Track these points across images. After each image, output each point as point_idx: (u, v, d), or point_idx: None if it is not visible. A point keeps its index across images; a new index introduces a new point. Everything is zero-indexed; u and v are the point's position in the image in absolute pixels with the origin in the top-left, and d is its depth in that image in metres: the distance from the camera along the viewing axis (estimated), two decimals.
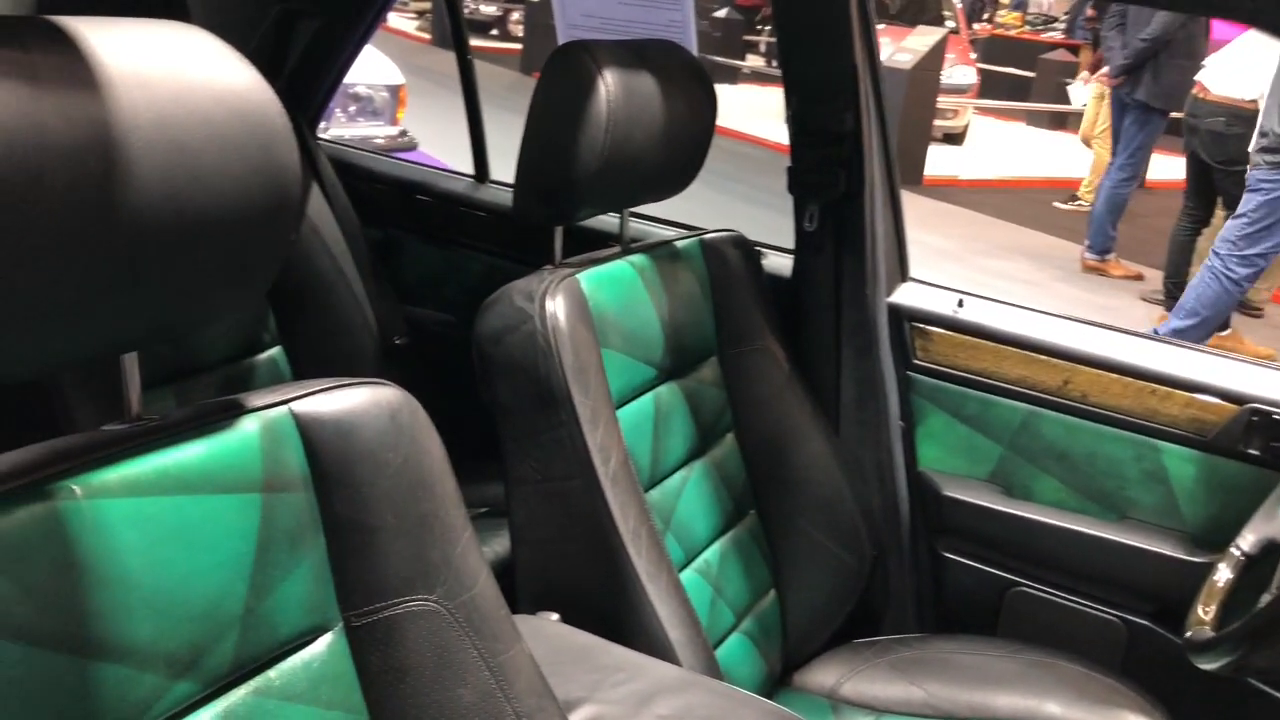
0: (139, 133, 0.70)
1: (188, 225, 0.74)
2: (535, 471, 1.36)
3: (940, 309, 1.79)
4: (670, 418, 1.56)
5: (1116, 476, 1.69)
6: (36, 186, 0.65)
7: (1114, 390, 1.66)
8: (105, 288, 0.71)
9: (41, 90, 0.65)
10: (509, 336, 1.35)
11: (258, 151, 0.78)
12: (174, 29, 0.77)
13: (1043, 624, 1.75)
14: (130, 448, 0.81)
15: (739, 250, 1.72)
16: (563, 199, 1.40)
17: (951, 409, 1.80)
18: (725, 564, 1.62)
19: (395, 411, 0.96)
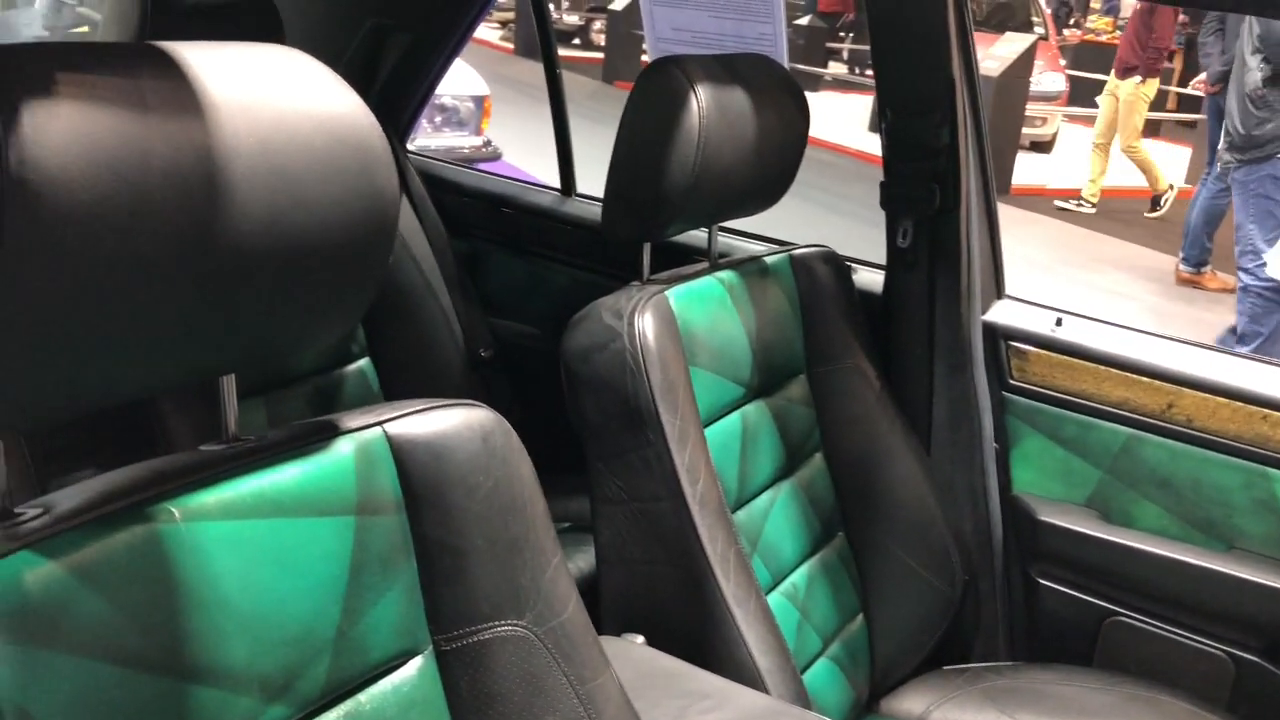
0: (242, 158, 0.70)
1: (289, 249, 0.74)
2: (622, 491, 1.34)
3: (1038, 328, 1.73)
4: (758, 437, 1.54)
5: (1223, 504, 1.62)
6: (143, 211, 0.65)
7: (1221, 414, 1.60)
8: (207, 311, 0.72)
9: (149, 117, 0.66)
10: (597, 354, 1.33)
11: (358, 175, 0.77)
12: (276, 53, 0.77)
13: (1143, 656, 1.69)
14: (227, 470, 0.81)
15: (829, 266, 1.69)
16: (652, 216, 1.39)
17: (1048, 431, 1.74)
18: (813, 587, 1.59)
19: (488, 434, 0.95)
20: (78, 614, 0.70)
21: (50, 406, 0.69)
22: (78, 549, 0.71)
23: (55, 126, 0.61)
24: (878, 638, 1.69)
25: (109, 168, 0.63)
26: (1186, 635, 1.66)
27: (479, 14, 2.05)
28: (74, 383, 0.68)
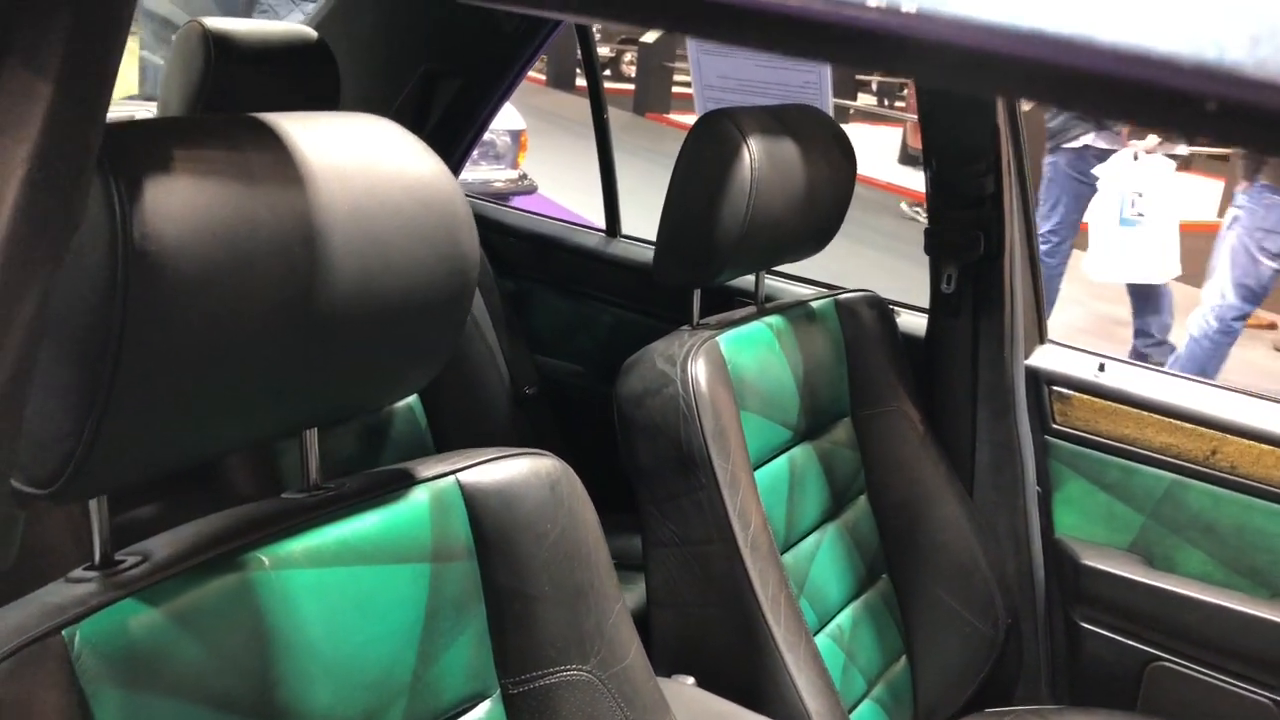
0: (339, 225, 0.73)
1: (378, 312, 0.77)
2: (674, 534, 1.37)
3: (1081, 373, 1.75)
4: (805, 480, 1.56)
5: (1268, 551, 1.63)
6: (250, 278, 0.68)
7: (1266, 461, 1.61)
8: (302, 371, 0.75)
9: (255, 187, 0.69)
10: (650, 399, 1.36)
11: (443, 240, 0.81)
12: (366, 122, 0.81)
13: (1186, 701, 1.69)
14: (312, 518, 0.85)
15: (874, 310, 1.71)
16: (704, 263, 1.42)
17: (1091, 475, 1.76)
18: (858, 629, 1.61)
19: (555, 482, 0.98)
20: (177, 659, 0.73)
21: (158, 464, 0.72)
22: (177, 596, 0.75)
23: (173, 200, 0.65)
24: (921, 679, 1.70)
25: (221, 238, 0.67)
26: (1230, 681, 1.66)
27: (529, 60, 2.10)
28: (180, 441, 0.72)
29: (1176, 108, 0.31)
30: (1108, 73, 0.31)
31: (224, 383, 0.70)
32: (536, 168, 5.73)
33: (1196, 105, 0.30)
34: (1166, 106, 0.31)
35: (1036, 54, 0.32)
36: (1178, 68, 0.30)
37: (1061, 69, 0.32)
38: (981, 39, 0.33)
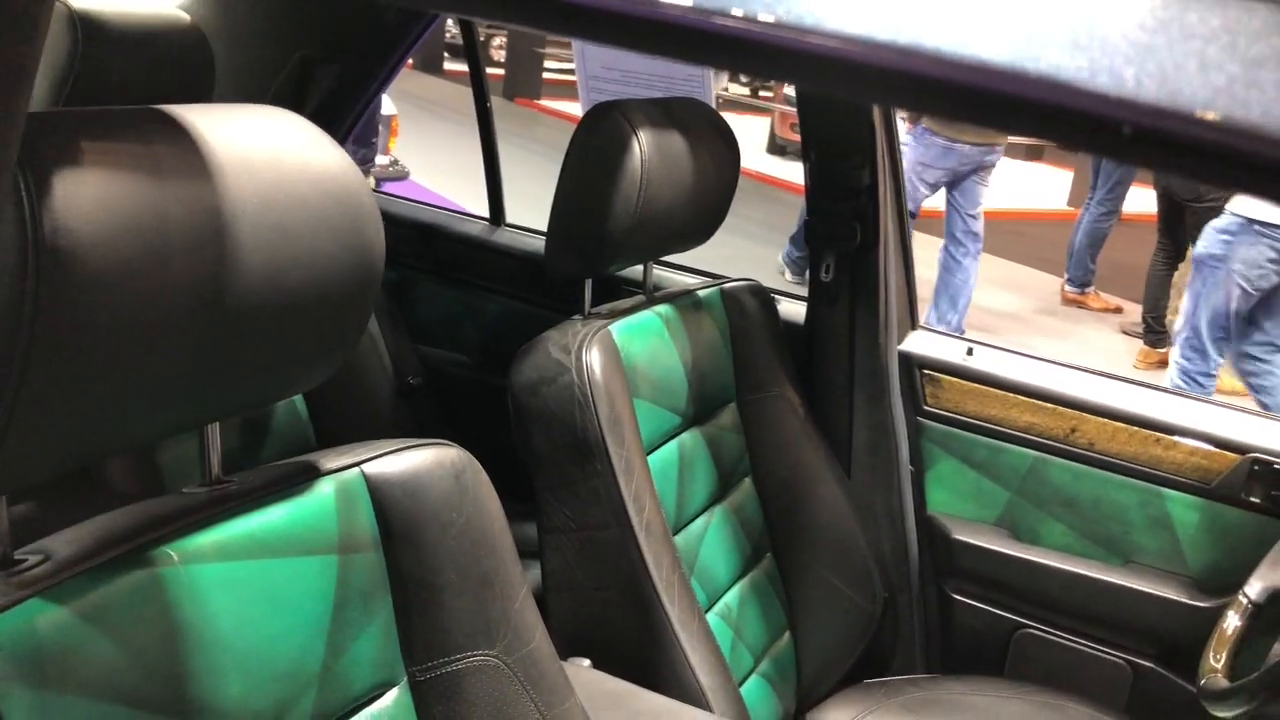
0: (247, 218, 0.73)
1: (286, 304, 0.77)
2: (570, 520, 1.39)
3: (950, 357, 1.84)
4: (694, 464, 1.60)
5: (1122, 522, 1.74)
6: (160, 272, 0.68)
7: (1120, 438, 1.72)
8: (211, 364, 0.75)
9: (164, 181, 0.69)
10: (545, 388, 1.38)
11: (349, 232, 0.82)
12: (271, 115, 0.81)
13: (1050, 666, 1.80)
14: (219, 512, 0.84)
15: (757, 299, 1.76)
16: (596, 254, 1.44)
17: (961, 454, 1.85)
18: (744, 607, 1.66)
19: (460, 472, 0.99)
20: (87, 657, 0.73)
21: (63, 462, 0.71)
22: (85, 594, 0.74)
23: (83, 194, 0.64)
24: (804, 654, 1.76)
25: (131, 232, 0.66)
26: (1089, 645, 1.77)
27: (410, 46, 2.08)
28: (88, 438, 0.71)
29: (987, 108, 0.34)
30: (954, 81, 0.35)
31: (134, 378, 0.70)
32: (407, 154, 5.66)
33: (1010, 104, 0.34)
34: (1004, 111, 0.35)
35: (879, 60, 0.36)
36: (995, 71, 0.33)
37: (901, 75, 0.36)
38: (827, 46, 0.36)
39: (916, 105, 0.37)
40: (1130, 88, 0.30)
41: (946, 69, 0.34)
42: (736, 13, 0.37)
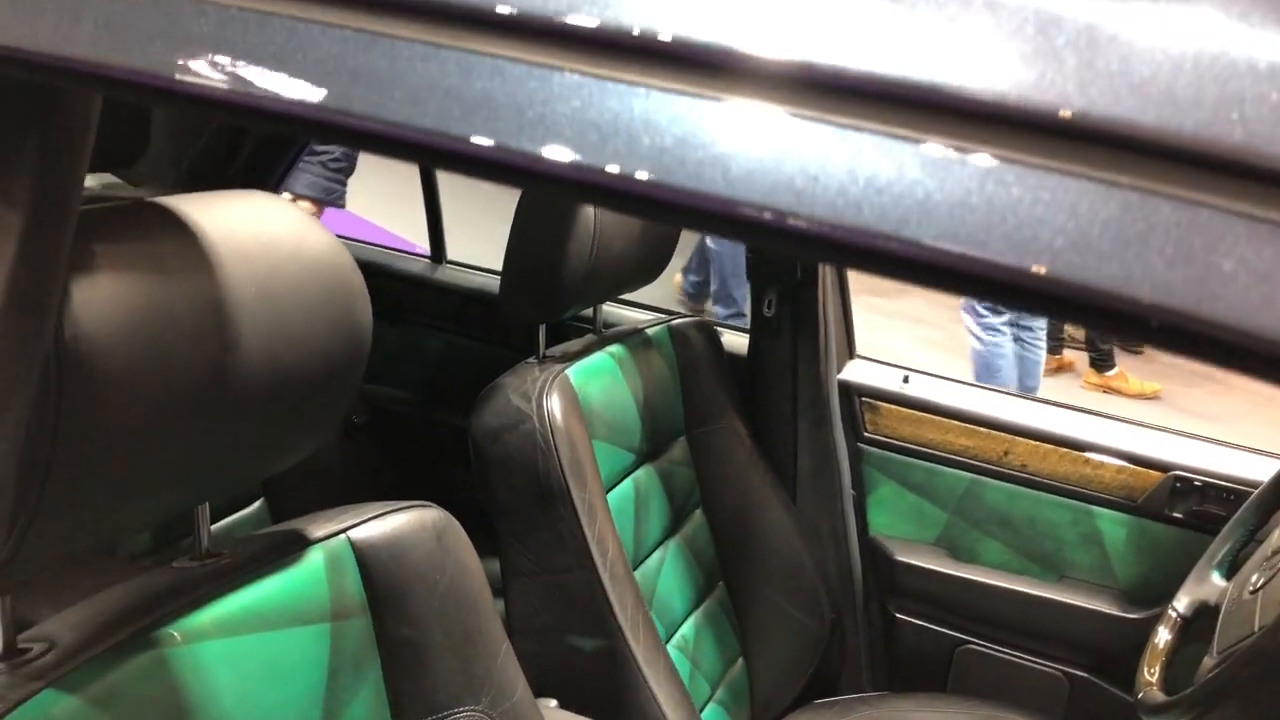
0: (247, 308, 0.75)
1: (282, 387, 0.79)
2: (534, 564, 1.42)
3: (887, 385, 1.90)
4: (649, 500, 1.64)
5: (1055, 539, 1.82)
6: (168, 367, 0.70)
7: (1051, 459, 1.80)
8: (208, 449, 0.76)
9: (169, 278, 0.70)
10: (507, 435, 1.40)
11: (340, 312, 0.84)
12: (261, 201, 0.83)
13: (990, 680, 1.87)
14: (216, 588, 0.85)
15: (703, 334, 1.81)
16: (551, 300, 1.47)
17: (900, 478, 1.91)
18: (700, 637, 1.70)
19: (441, 532, 1.01)
20: None
21: (67, 550, 0.72)
22: (94, 681, 0.74)
23: (98, 298, 0.65)
24: (756, 678, 1.81)
25: (141, 332, 0.68)
26: (1027, 658, 1.85)
27: None
28: (93, 529, 0.72)
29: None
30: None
31: (141, 470, 0.71)
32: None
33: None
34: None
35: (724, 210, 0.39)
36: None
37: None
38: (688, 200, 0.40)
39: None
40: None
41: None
42: (612, 169, 0.40)
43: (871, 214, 0.35)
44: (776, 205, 0.37)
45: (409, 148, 0.43)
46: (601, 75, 0.40)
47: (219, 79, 0.44)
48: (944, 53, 0.35)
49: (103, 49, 0.46)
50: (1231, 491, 1.67)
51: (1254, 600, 1.31)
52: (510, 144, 0.41)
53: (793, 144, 0.37)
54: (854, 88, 0.36)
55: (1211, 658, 1.33)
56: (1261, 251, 0.31)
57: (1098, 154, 0.32)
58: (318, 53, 0.44)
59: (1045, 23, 0.33)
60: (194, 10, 0.45)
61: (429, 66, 0.42)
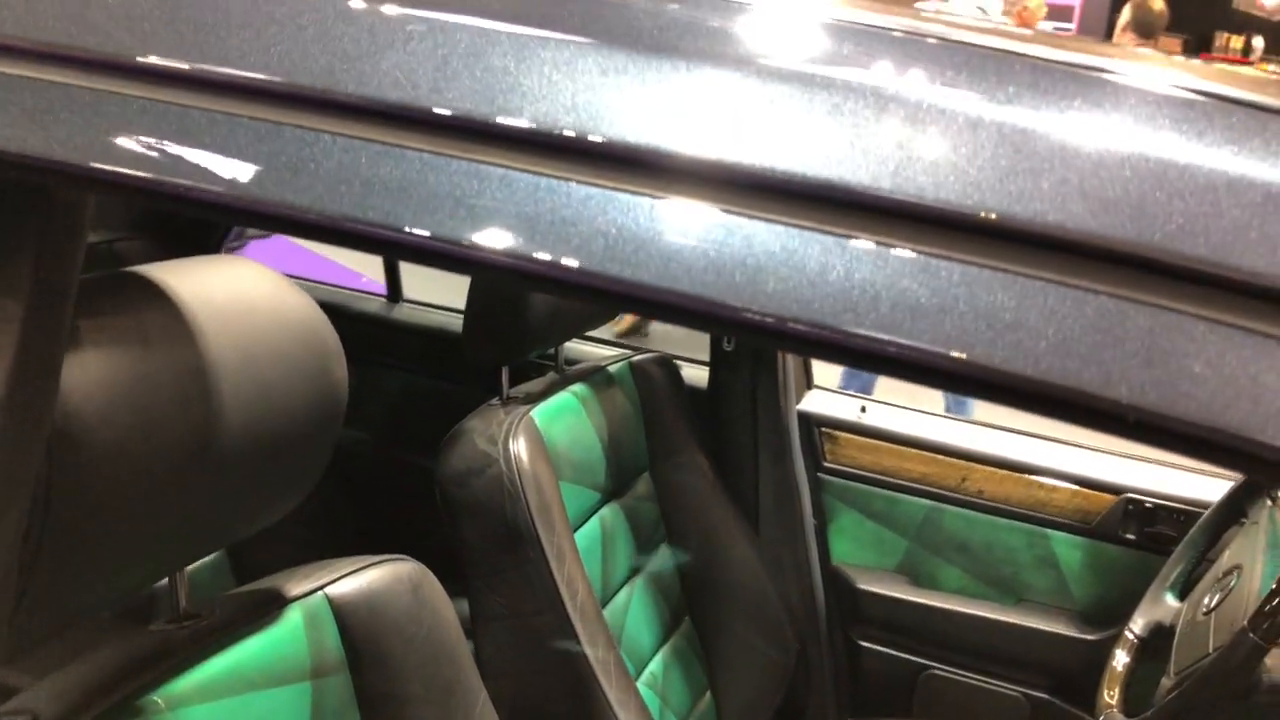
0: (227, 374, 0.76)
1: (262, 447, 0.80)
2: (504, 607, 1.42)
3: (846, 415, 1.93)
4: (615, 538, 1.65)
5: (1012, 563, 1.86)
6: (154, 437, 0.70)
7: (1006, 485, 1.84)
8: (191, 514, 0.77)
9: (153, 350, 0.71)
10: (474, 479, 1.41)
11: (318, 372, 0.85)
12: (238, 268, 0.84)
13: (953, 704, 1.90)
14: (196, 652, 0.85)
15: (664, 370, 1.83)
16: (514, 342, 1.49)
17: (860, 506, 1.94)
18: (668, 673, 1.71)
19: (416, 585, 1.02)
20: None
21: (62, 618, 0.72)
22: None
23: (87, 375, 0.66)
24: (724, 711, 1.82)
25: (128, 404, 0.68)
26: (988, 681, 1.88)
27: None
28: (80, 603, 0.72)
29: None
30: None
31: (132, 538, 0.71)
32: None
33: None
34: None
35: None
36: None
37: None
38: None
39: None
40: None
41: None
42: (542, 256, 0.43)
43: (809, 305, 0.38)
44: (713, 296, 0.39)
45: (353, 238, 0.45)
46: (537, 171, 0.43)
47: (148, 168, 0.46)
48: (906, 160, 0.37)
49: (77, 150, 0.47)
50: (1182, 513, 1.72)
51: (1208, 621, 1.35)
52: (444, 233, 0.43)
53: (727, 238, 0.40)
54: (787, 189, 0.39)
55: (1169, 678, 1.37)
56: (1226, 355, 0.33)
57: (1076, 263, 0.35)
58: (264, 148, 0.46)
59: (1015, 137, 0.36)
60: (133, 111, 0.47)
61: (384, 163, 0.45)
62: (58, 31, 0.48)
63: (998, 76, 0.37)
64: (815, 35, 0.43)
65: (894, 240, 0.36)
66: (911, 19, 0.42)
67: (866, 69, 0.39)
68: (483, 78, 0.44)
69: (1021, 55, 0.38)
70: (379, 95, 0.45)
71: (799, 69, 0.41)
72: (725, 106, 0.41)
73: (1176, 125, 0.35)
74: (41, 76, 0.48)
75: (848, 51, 0.41)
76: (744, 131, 0.40)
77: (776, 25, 0.44)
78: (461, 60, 0.44)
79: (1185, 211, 0.34)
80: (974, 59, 0.38)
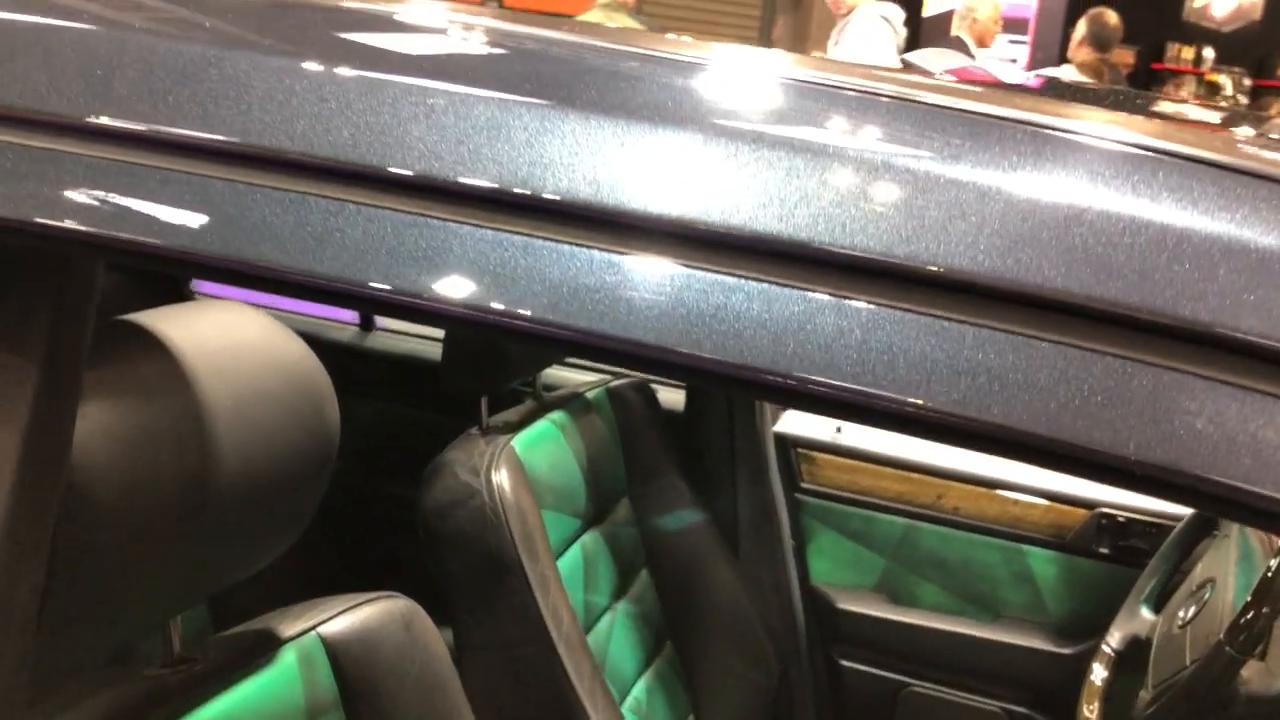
0: (223, 419, 0.76)
1: (258, 490, 0.80)
2: (489, 638, 1.42)
3: (821, 435, 1.95)
4: (596, 565, 1.65)
5: (989, 579, 1.88)
6: (153, 486, 0.70)
7: (982, 502, 1.86)
8: (192, 560, 0.77)
9: (151, 399, 0.71)
10: (458, 511, 1.41)
11: (311, 415, 0.85)
12: (230, 313, 0.84)
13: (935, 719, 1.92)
14: (192, 697, 0.85)
15: (640, 395, 1.84)
16: (494, 373, 1.49)
17: (838, 526, 1.96)
18: (652, 699, 1.71)
19: (409, 622, 1.02)
20: None
21: (66, 666, 0.72)
22: None
23: (92, 430, 0.66)
24: None
25: (128, 455, 0.68)
26: (968, 697, 1.90)
27: None
28: (90, 642, 0.72)
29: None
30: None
31: (135, 585, 0.71)
32: None
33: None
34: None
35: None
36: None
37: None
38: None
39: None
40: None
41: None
42: (497, 306, 0.45)
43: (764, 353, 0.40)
44: (678, 346, 0.41)
45: (316, 292, 0.47)
46: (497, 228, 0.45)
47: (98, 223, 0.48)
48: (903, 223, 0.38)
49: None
50: (1155, 526, 1.75)
51: (1184, 634, 1.37)
52: (404, 286, 0.45)
53: (685, 292, 0.42)
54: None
55: (1147, 691, 1.39)
56: (1226, 412, 0.35)
57: (1082, 326, 0.36)
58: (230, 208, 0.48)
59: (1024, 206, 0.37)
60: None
61: (357, 224, 0.47)
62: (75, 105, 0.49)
63: (1000, 145, 0.38)
64: (773, 94, 0.45)
65: (907, 304, 0.38)
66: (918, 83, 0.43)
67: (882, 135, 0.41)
68: (442, 139, 0.46)
69: (1019, 122, 0.40)
70: (335, 155, 0.47)
71: (756, 128, 0.43)
72: (683, 166, 0.43)
73: (1173, 193, 0.36)
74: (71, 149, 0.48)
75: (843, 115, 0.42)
76: (706, 191, 0.42)
77: (734, 84, 0.46)
78: (423, 122, 0.46)
79: (1184, 276, 0.35)
80: (978, 127, 0.39)
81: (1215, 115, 0.97)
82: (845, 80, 0.46)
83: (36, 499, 0.53)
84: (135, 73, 0.48)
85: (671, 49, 0.54)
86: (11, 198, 0.50)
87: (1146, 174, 0.37)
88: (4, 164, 0.48)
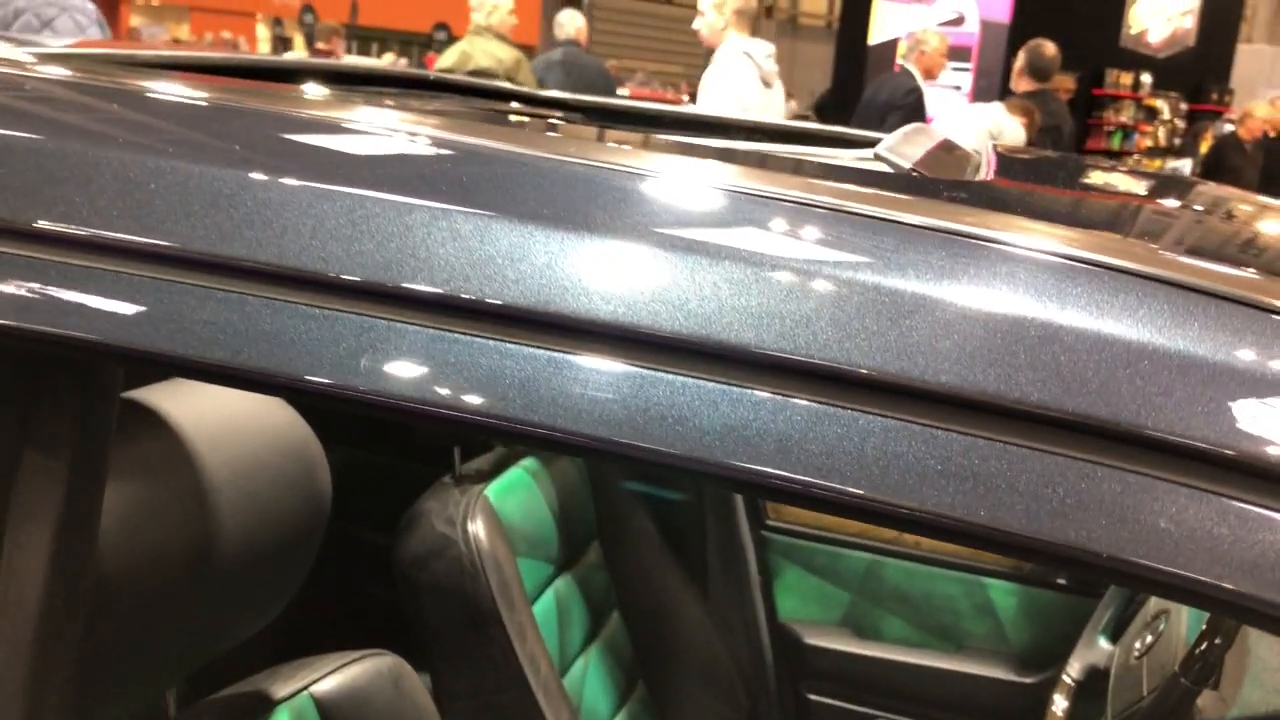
0: (221, 491, 0.78)
1: (254, 556, 0.82)
2: (468, 688, 1.44)
3: None
4: (569, 609, 1.67)
5: (951, 612, 1.93)
6: (159, 564, 0.72)
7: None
8: (195, 628, 0.79)
9: (154, 479, 0.73)
10: (435, 562, 1.43)
11: (303, 481, 0.88)
12: (219, 392, 0.86)
13: None
14: None
15: None
16: None
17: (803, 562, 2.00)
18: None
19: (397, 679, 1.04)
20: None
21: None
22: None
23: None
24: None
25: (134, 538, 0.70)
26: None
27: None
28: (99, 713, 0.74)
29: None
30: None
31: (140, 656, 0.73)
32: None
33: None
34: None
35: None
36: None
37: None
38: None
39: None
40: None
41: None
42: (473, 401, 0.50)
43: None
44: (636, 440, 0.45)
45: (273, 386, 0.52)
46: (441, 329, 0.49)
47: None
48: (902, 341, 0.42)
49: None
50: None
51: (1140, 665, 1.42)
52: (346, 381, 0.50)
53: (635, 391, 0.46)
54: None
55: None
56: (1186, 512, 0.39)
57: (1056, 435, 0.40)
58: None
59: (1005, 325, 0.41)
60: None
61: (311, 326, 0.51)
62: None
63: (976, 266, 0.42)
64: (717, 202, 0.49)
65: (900, 414, 0.42)
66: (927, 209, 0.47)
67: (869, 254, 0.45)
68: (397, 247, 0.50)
69: (990, 241, 0.44)
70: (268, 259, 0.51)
71: (702, 238, 0.47)
72: (630, 272, 0.47)
73: (1133, 313, 0.40)
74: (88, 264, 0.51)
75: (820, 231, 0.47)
76: (658, 297, 0.46)
77: (679, 194, 0.50)
78: (374, 231, 0.51)
79: (1145, 391, 0.39)
80: (962, 248, 0.43)
81: (1142, 185, 1.03)
82: (785, 192, 0.51)
83: (69, 594, 0.55)
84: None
85: (616, 159, 0.58)
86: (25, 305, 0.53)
87: (1108, 295, 0.41)
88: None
